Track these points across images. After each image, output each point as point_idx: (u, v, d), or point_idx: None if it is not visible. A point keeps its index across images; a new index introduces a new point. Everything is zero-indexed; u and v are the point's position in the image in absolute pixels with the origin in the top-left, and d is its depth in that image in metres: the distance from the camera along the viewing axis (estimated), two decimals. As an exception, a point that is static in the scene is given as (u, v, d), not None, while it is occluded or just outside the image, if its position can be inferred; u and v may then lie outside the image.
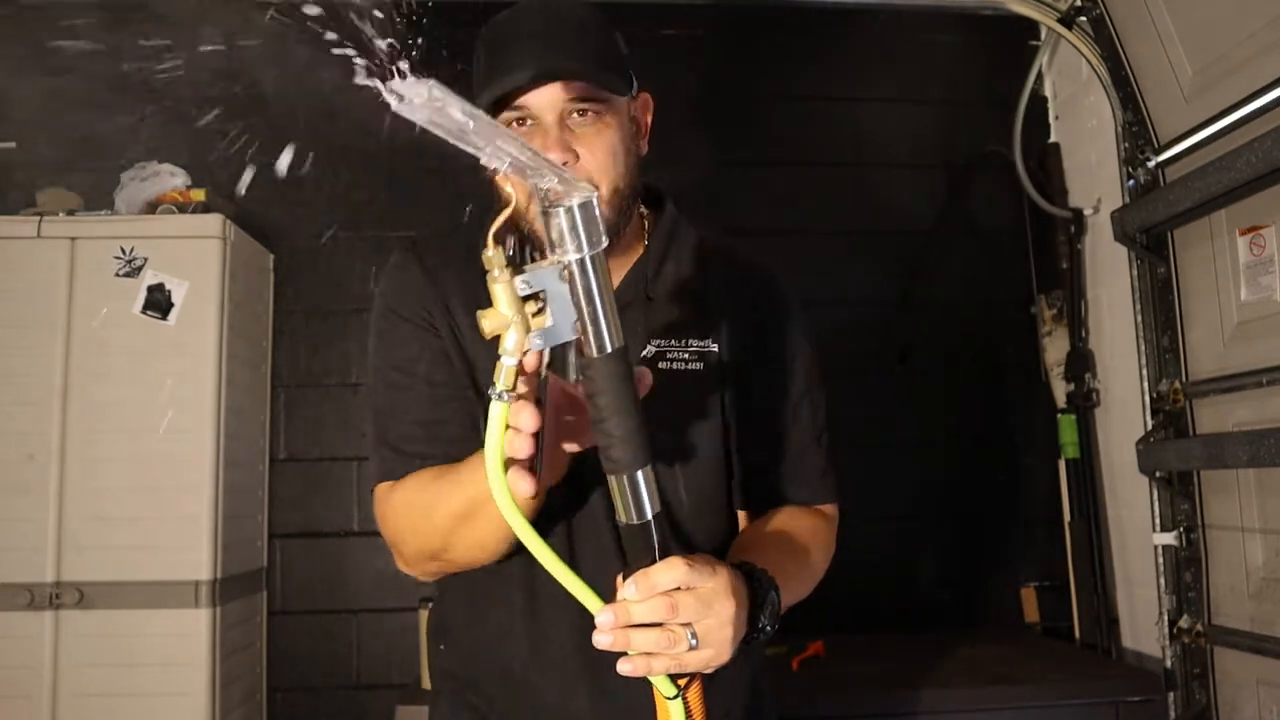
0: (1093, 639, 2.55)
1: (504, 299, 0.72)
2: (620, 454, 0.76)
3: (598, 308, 0.73)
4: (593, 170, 1.03)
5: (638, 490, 0.78)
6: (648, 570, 0.79)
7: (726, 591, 0.81)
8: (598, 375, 0.74)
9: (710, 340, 1.13)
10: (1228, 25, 1.88)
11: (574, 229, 0.70)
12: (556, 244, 0.70)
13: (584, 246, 0.70)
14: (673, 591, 0.78)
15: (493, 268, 0.72)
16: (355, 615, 2.59)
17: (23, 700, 2.10)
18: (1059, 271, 2.69)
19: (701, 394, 1.11)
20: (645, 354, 1.10)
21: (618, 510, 0.79)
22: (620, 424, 0.75)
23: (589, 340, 0.73)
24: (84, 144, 2.62)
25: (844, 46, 2.88)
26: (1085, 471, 2.62)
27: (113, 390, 2.21)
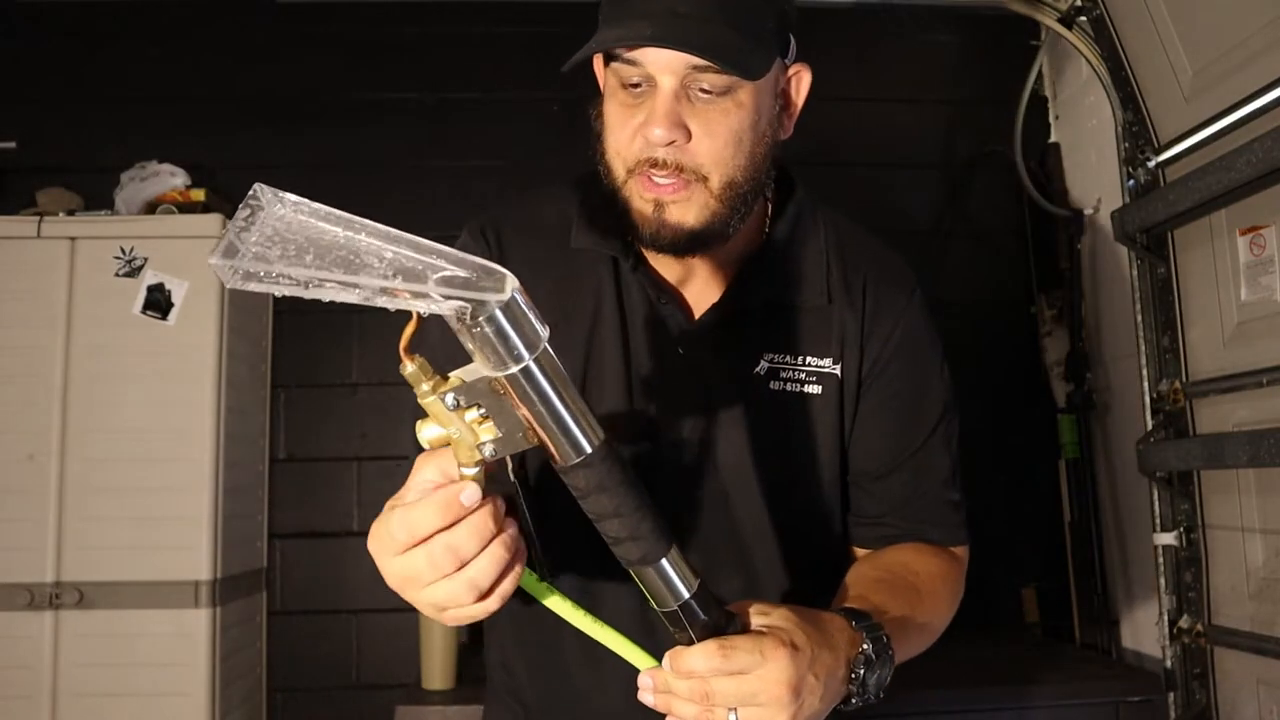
0: (1093, 639, 2.55)
1: (436, 412, 0.61)
2: (630, 553, 0.68)
3: (558, 414, 0.60)
4: (704, 157, 0.87)
5: (664, 577, 0.69)
6: (681, 651, 0.71)
7: (780, 680, 0.70)
8: (577, 481, 0.64)
9: (833, 359, 0.99)
10: (1228, 25, 1.88)
11: (502, 340, 0.55)
12: (485, 359, 0.57)
13: (520, 356, 0.56)
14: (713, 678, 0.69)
15: (415, 385, 0.60)
16: (355, 615, 2.59)
17: (23, 700, 2.11)
18: (1059, 271, 2.69)
19: (815, 421, 0.98)
20: (757, 370, 0.97)
21: (650, 601, 0.71)
22: (621, 525, 0.66)
23: (553, 449, 0.62)
24: (84, 144, 2.62)
25: (844, 46, 2.88)
26: (1085, 471, 2.62)
27: (113, 390, 2.21)
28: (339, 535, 2.60)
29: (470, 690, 2.15)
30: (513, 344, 0.55)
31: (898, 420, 1.02)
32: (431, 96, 2.74)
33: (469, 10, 2.75)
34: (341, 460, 2.63)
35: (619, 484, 0.64)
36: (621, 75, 0.88)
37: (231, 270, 0.48)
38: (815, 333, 0.99)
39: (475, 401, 0.60)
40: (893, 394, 1.01)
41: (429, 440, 0.64)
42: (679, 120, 0.85)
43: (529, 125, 2.69)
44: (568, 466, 0.62)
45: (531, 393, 0.58)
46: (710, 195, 0.88)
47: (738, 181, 0.89)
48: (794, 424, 0.97)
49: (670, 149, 0.86)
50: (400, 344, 0.59)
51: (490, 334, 0.54)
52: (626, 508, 0.65)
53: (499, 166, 2.62)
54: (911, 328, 1.02)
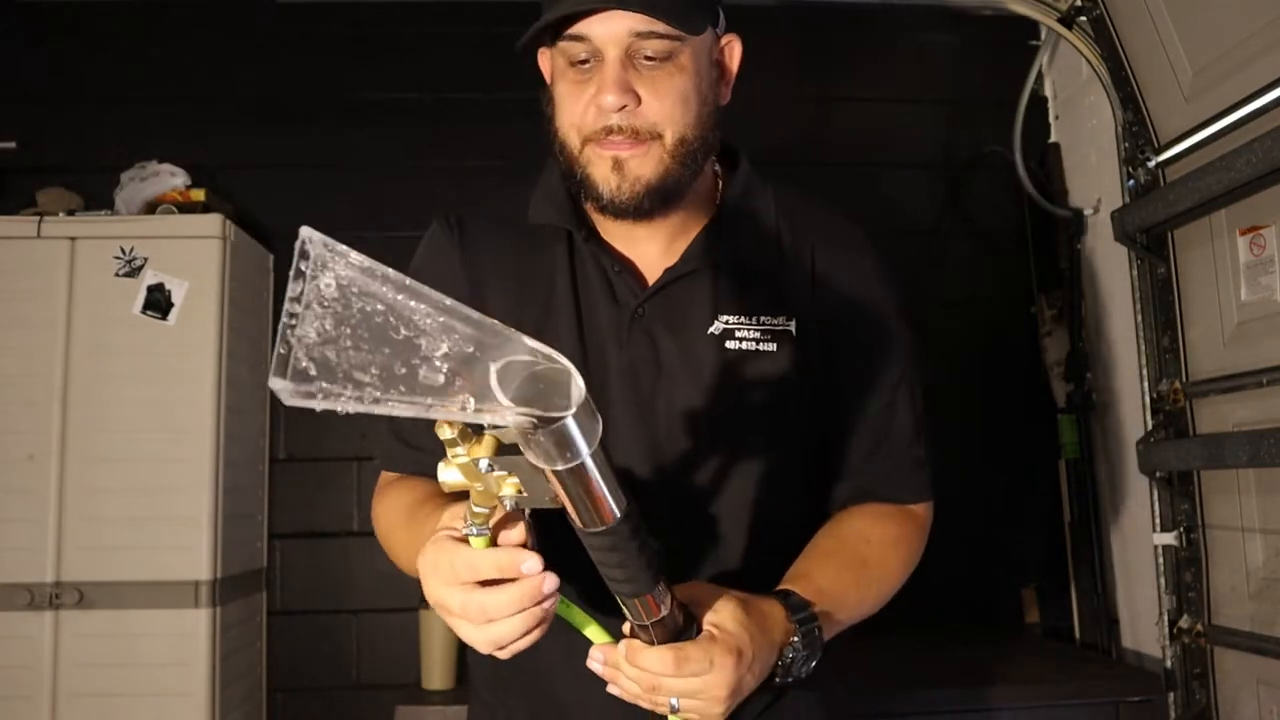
0: (1093, 639, 2.55)
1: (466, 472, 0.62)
2: (623, 589, 0.71)
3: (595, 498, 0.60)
4: (656, 117, 0.92)
5: (645, 606, 0.73)
6: (638, 649, 0.76)
7: (723, 684, 0.76)
8: (595, 543, 0.66)
9: (786, 317, 1.01)
10: (1228, 25, 1.88)
11: (560, 446, 0.54)
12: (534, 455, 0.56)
13: (578, 455, 0.55)
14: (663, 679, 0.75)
15: (450, 448, 0.60)
16: (355, 615, 2.59)
17: (23, 700, 2.10)
18: (1059, 271, 2.69)
19: (774, 378, 1.00)
20: (712, 331, 0.99)
21: (628, 614, 0.76)
22: (623, 574, 0.69)
23: (578, 518, 0.63)
24: (84, 144, 2.62)
25: (844, 46, 2.88)
26: (1085, 471, 2.62)
27: (113, 390, 2.21)
28: (339, 535, 2.60)
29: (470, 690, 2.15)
30: (574, 447, 0.55)
31: (857, 377, 1.04)
32: (431, 96, 2.74)
33: (469, 10, 2.75)
34: (341, 460, 2.63)
35: (633, 548, 0.66)
36: (569, 53, 0.93)
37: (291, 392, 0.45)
38: (769, 293, 1.01)
39: (509, 469, 0.61)
40: (851, 351, 1.03)
41: (447, 484, 0.63)
42: (628, 86, 0.91)
43: (529, 125, 2.68)
44: (589, 532, 0.64)
45: (575, 483, 0.59)
46: (665, 151, 0.93)
47: (689, 139, 0.94)
48: (751, 381, 0.99)
49: (623, 114, 0.91)
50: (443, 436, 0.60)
51: (552, 442, 0.54)
52: (632, 563, 0.68)
53: (499, 166, 2.62)
54: (867, 287, 1.05)
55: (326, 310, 0.46)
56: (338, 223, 2.69)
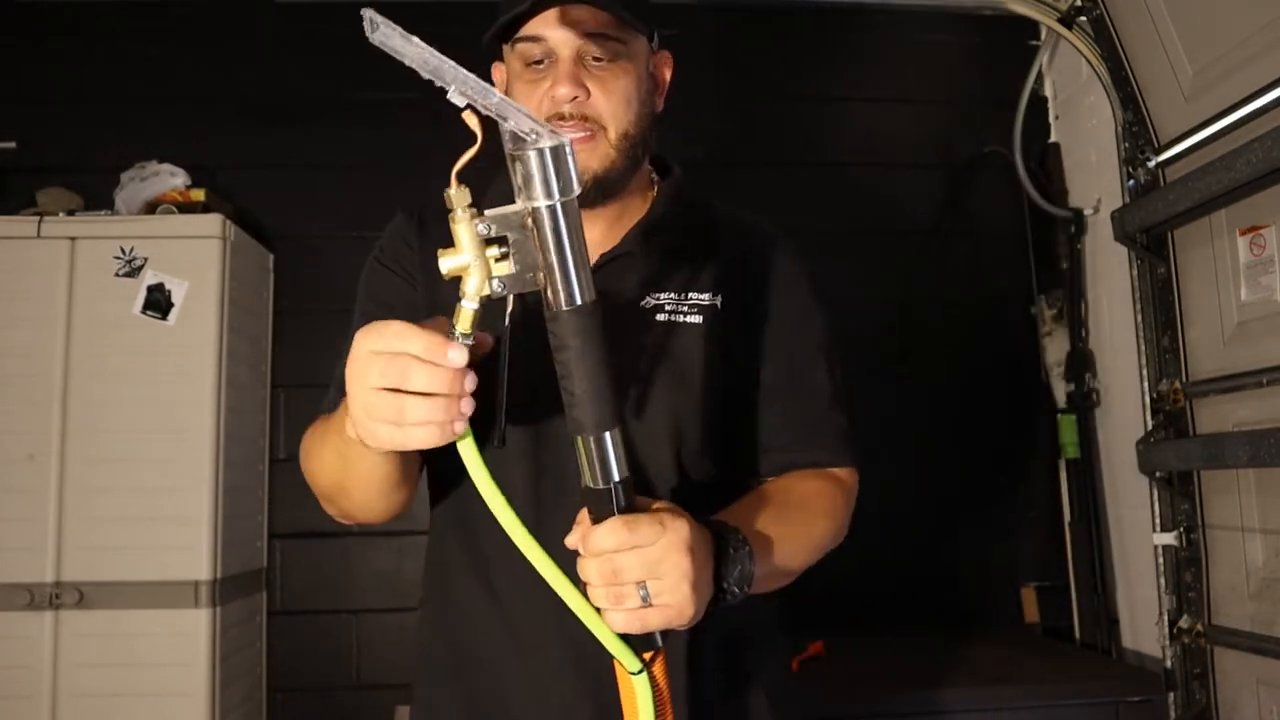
0: (1093, 639, 2.55)
1: (464, 240, 0.69)
2: (585, 415, 0.73)
3: (567, 257, 0.69)
4: (602, 110, 1.02)
5: (604, 453, 0.74)
6: (589, 530, 0.76)
7: (679, 546, 0.76)
8: (563, 330, 0.71)
9: (711, 293, 1.10)
10: (1228, 25, 1.88)
11: (543, 173, 0.66)
12: (522, 189, 0.67)
13: (553, 192, 0.67)
14: (616, 553, 0.75)
15: (454, 207, 0.69)
16: (355, 615, 2.59)
17: (23, 700, 2.10)
18: (1059, 271, 2.69)
19: (699, 347, 1.07)
20: (643, 304, 1.08)
21: (582, 473, 0.76)
22: (587, 383, 0.72)
23: (555, 292, 0.70)
24: (84, 144, 2.62)
25: (844, 46, 2.88)
26: (1085, 471, 2.62)
27: (113, 390, 2.21)
28: (339, 535, 2.60)
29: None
30: (563, 176, 0.66)
31: (777, 346, 1.12)
32: (431, 96, 2.73)
33: (469, 10, 2.74)
34: (341, 460, 2.62)
35: (597, 340, 0.71)
36: (525, 55, 1.03)
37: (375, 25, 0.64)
38: (696, 273, 1.11)
39: (505, 233, 0.69)
40: (771, 323, 1.12)
41: (448, 268, 0.70)
42: (580, 80, 1.01)
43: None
44: (562, 311, 0.70)
45: (560, 227, 0.68)
46: (609, 144, 1.03)
47: (631, 134, 1.04)
48: (678, 351, 1.06)
49: (574, 104, 1.01)
50: (456, 165, 0.69)
51: (549, 162, 0.66)
52: (597, 366, 0.72)
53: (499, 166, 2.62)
54: (783, 270, 1.14)
55: None
56: (338, 223, 2.69)
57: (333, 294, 2.67)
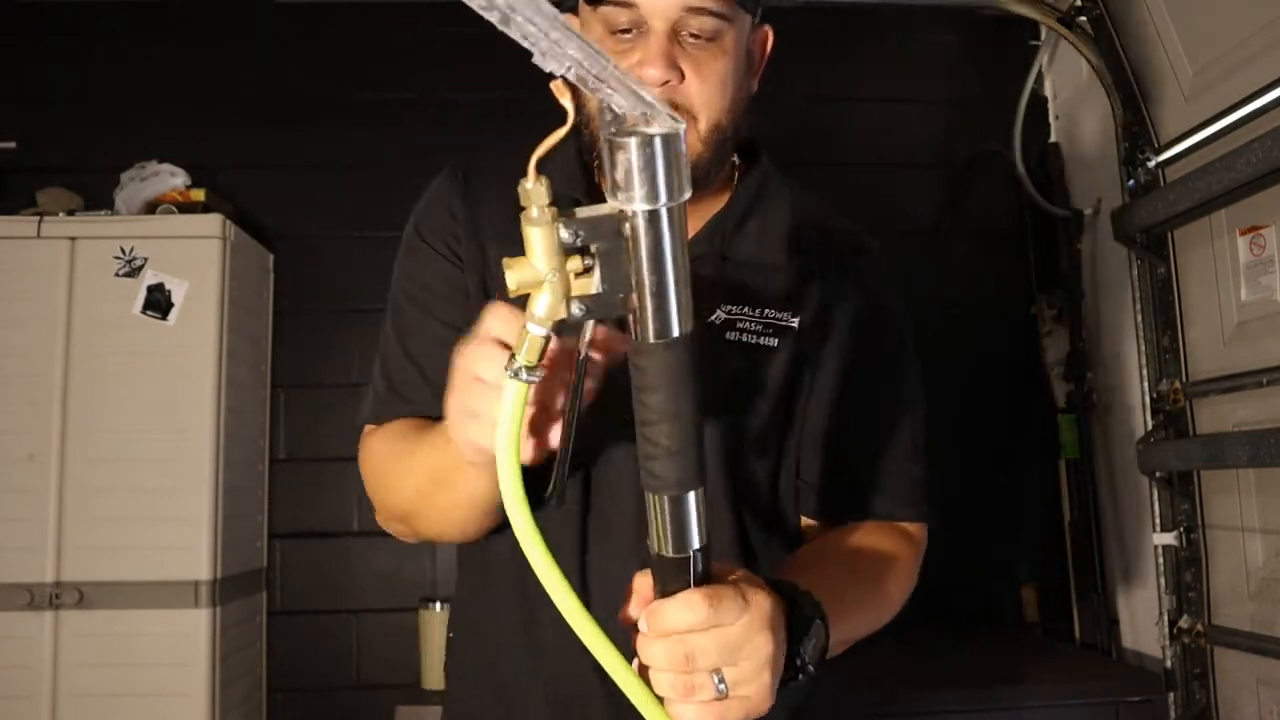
0: (1093, 639, 2.55)
1: (540, 248, 0.55)
2: (668, 470, 0.59)
3: (667, 278, 0.55)
4: (695, 98, 0.88)
5: (683, 516, 0.61)
6: (660, 605, 0.63)
7: (762, 625, 0.64)
8: (653, 367, 0.57)
9: (791, 313, 0.96)
10: (1228, 25, 1.88)
11: (649, 169, 0.52)
12: (621, 186, 0.53)
13: (659, 194, 0.53)
14: (690, 634, 0.62)
15: (530, 204, 0.56)
16: (355, 615, 2.59)
17: (23, 700, 2.10)
18: (1059, 271, 2.69)
19: (771, 374, 0.94)
20: (713, 320, 0.94)
21: (652, 537, 0.63)
22: (674, 433, 0.59)
23: (645, 320, 0.56)
24: (84, 144, 2.62)
25: (844, 46, 2.88)
26: (1085, 471, 2.62)
27: (113, 390, 2.21)
28: (339, 535, 2.60)
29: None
30: (674, 174, 0.52)
31: (859, 381, 0.98)
32: (431, 96, 2.74)
33: (469, 10, 2.74)
34: (341, 460, 2.62)
35: (691, 385, 0.58)
36: (610, 20, 0.87)
37: None
38: (775, 288, 0.96)
39: (595, 241, 0.56)
40: (856, 354, 0.98)
41: (518, 283, 0.56)
42: (674, 61, 0.86)
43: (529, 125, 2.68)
44: (652, 344, 0.56)
45: (666, 240, 0.54)
46: (697, 137, 0.89)
47: (722, 125, 0.91)
48: (749, 375, 0.94)
49: (665, 89, 0.87)
50: (538, 150, 0.55)
51: (659, 156, 0.52)
52: (685, 414, 0.59)
53: (499, 166, 2.62)
54: (870, 288, 1.01)
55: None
56: (338, 223, 2.70)
57: (333, 294, 2.68)
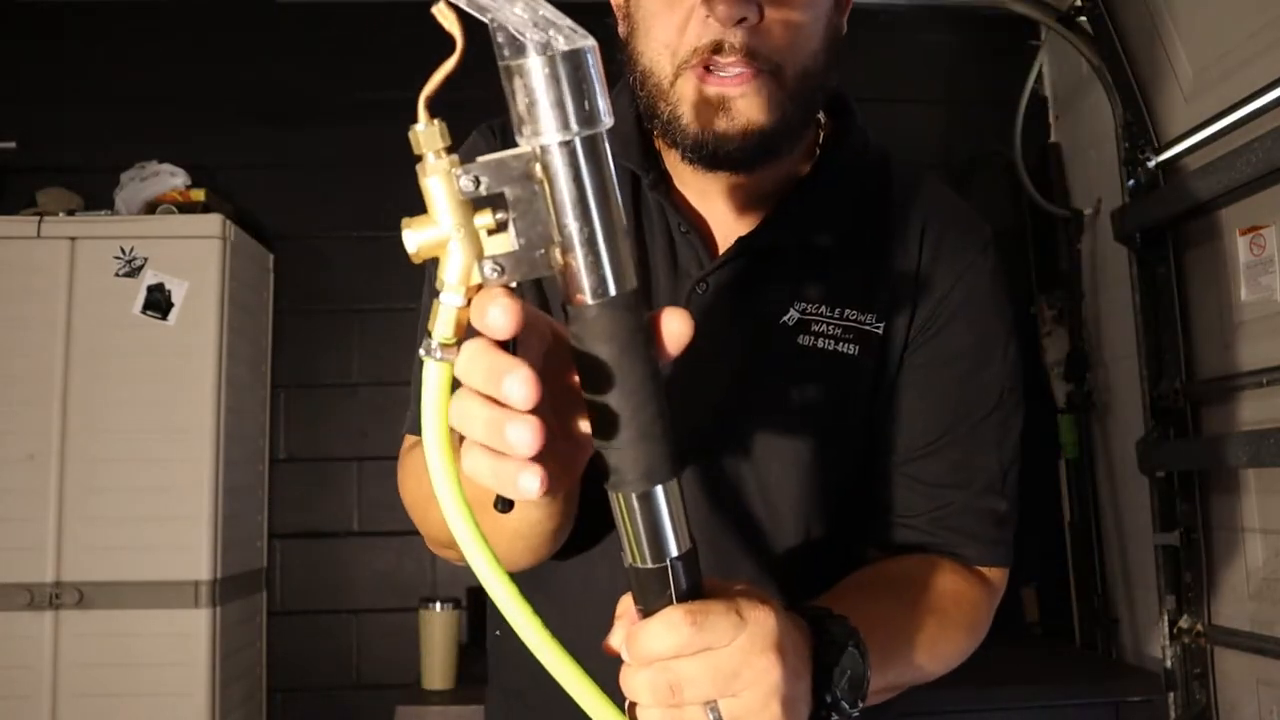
0: (1093, 639, 2.55)
1: (441, 202, 0.47)
2: (624, 461, 0.49)
3: (593, 224, 0.46)
4: (779, 42, 0.72)
5: (655, 517, 0.51)
6: (638, 628, 0.52)
7: (764, 646, 0.53)
8: (589, 333, 0.48)
9: (875, 315, 0.82)
10: (1228, 25, 1.88)
11: (554, 91, 0.44)
12: (525, 119, 0.45)
13: (570, 120, 0.44)
14: (675, 659, 0.52)
15: (423, 151, 0.48)
16: (355, 615, 2.59)
17: (23, 700, 2.10)
18: (1059, 271, 2.69)
19: (848, 387, 0.82)
20: (785, 320, 0.80)
21: (623, 547, 0.52)
22: (631, 412, 0.48)
23: (577, 276, 0.47)
24: (84, 144, 2.62)
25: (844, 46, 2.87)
26: (1085, 471, 2.62)
27: (113, 390, 2.21)
28: (339, 535, 2.60)
29: (470, 690, 2.15)
30: (568, 103, 0.43)
31: (943, 395, 0.83)
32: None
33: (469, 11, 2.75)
34: (341, 460, 2.63)
35: (639, 347, 0.48)
36: None
37: None
38: (859, 282, 0.82)
39: (501, 190, 0.46)
40: (941, 362, 0.83)
41: (418, 244, 0.48)
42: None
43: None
44: (587, 306, 0.47)
45: (580, 179, 0.45)
46: (782, 89, 0.73)
47: (812, 74, 0.75)
48: (822, 387, 0.81)
49: (739, 29, 0.70)
50: (426, 88, 0.47)
51: (563, 75, 0.43)
52: (643, 390, 0.48)
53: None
54: (976, 288, 0.84)
55: None
56: (338, 223, 2.70)
57: (333, 294, 2.68)
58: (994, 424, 0.85)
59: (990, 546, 0.85)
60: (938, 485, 0.84)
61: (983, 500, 0.84)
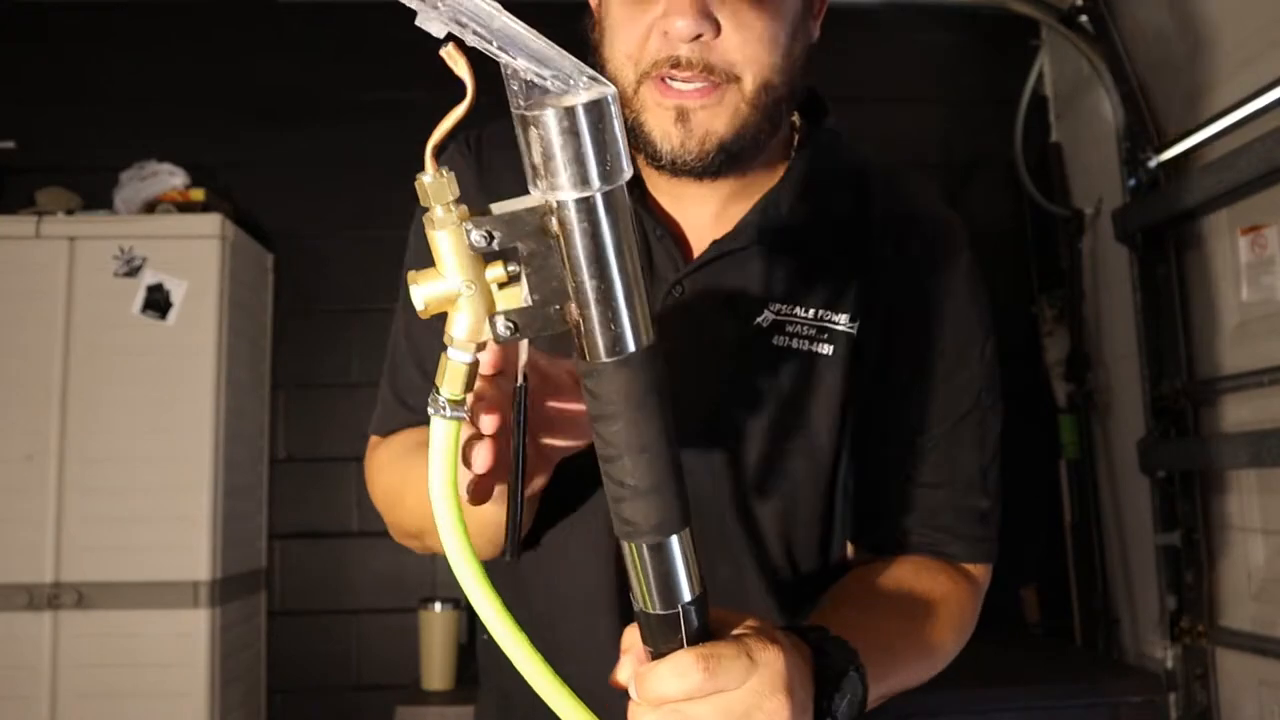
0: (1093, 639, 2.55)
1: (450, 257, 0.46)
2: (640, 513, 0.49)
3: (613, 281, 0.44)
4: (736, 53, 0.73)
5: (668, 566, 0.51)
6: (648, 670, 0.53)
7: (775, 688, 0.54)
8: (607, 392, 0.47)
9: (849, 315, 0.83)
10: (1228, 25, 1.88)
11: (573, 146, 0.42)
12: (541, 172, 0.43)
13: (591, 177, 0.42)
14: (687, 702, 0.53)
15: (432, 204, 0.46)
16: (355, 615, 2.59)
17: (22, 700, 2.10)
18: (1059, 271, 2.69)
19: (822, 387, 0.82)
20: (759, 321, 0.82)
21: (634, 592, 0.53)
22: (641, 470, 0.48)
23: (592, 335, 0.46)
24: (84, 144, 2.62)
25: (844, 46, 2.87)
26: (1085, 471, 2.61)
27: (112, 390, 2.21)
28: (339, 535, 2.60)
29: (470, 690, 2.15)
30: (589, 158, 0.42)
31: (922, 396, 0.85)
32: (431, 96, 2.73)
33: (469, 10, 2.74)
34: (341, 460, 2.62)
35: (658, 408, 0.47)
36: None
37: None
38: (832, 283, 0.83)
39: (515, 244, 0.45)
40: (918, 362, 0.84)
41: (427, 299, 0.47)
42: (705, 9, 0.71)
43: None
44: (603, 363, 0.46)
45: (600, 236, 0.43)
46: (743, 99, 0.75)
47: (773, 84, 0.76)
48: (797, 388, 0.82)
49: (696, 45, 0.72)
50: (433, 137, 0.46)
51: (584, 128, 0.41)
52: (659, 445, 0.48)
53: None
54: (950, 287, 0.86)
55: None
56: (338, 223, 2.69)
57: (333, 294, 2.68)
58: (973, 423, 0.87)
59: (975, 543, 0.87)
60: (920, 485, 0.85)
61: (965, 498, 0.87)
